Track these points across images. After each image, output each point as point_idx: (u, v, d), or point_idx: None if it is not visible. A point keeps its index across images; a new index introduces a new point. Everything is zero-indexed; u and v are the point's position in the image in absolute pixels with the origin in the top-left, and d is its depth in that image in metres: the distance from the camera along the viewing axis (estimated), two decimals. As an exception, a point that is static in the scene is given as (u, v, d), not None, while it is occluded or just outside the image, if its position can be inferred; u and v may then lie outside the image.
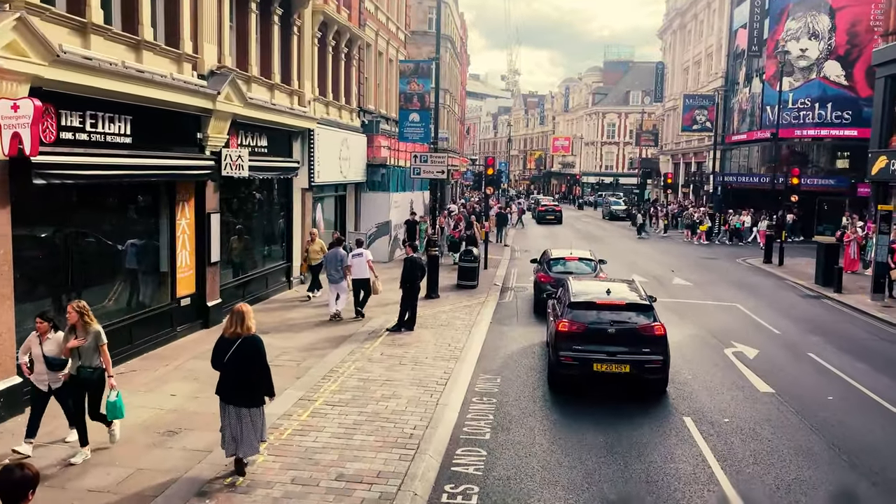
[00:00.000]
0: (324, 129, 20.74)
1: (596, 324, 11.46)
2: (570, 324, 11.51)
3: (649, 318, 11.60)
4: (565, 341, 11.43)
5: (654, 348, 11.30)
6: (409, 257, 15.19)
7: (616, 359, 11.20)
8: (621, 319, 11.52)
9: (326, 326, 15.43)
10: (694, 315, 18.12)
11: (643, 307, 11.77)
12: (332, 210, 23.54)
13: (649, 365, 11.22)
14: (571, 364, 11.31)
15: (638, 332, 11.39)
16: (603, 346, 11.27)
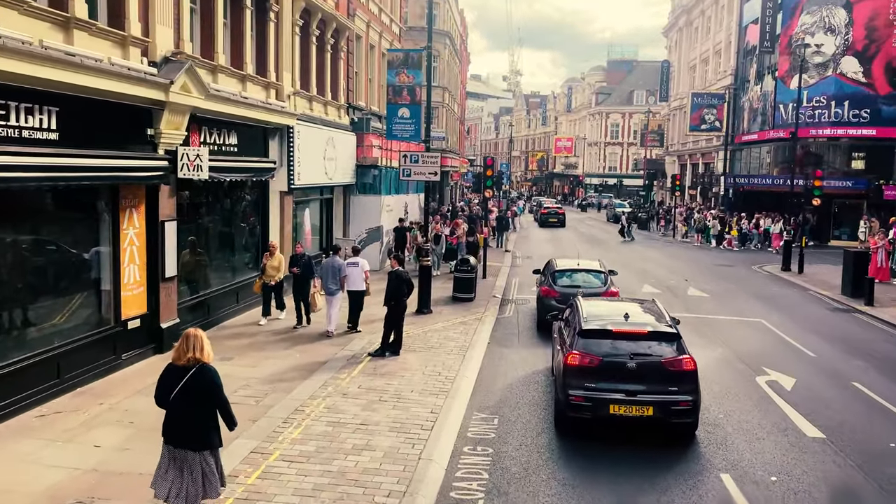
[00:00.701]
0: (306, 127, 18.87)
1: (612, 356, 9.55)
2: (582, 356, 9.60)
3: (676, 349, 9.69)
4: (575, 377, 9.53)
5: (682, 386, 9.39)
6: (393, 271, 13.29)
7: (637, 400, 9.30)
8: (643, 351, 9.61)
9: (301, 348, 13.54)
10: (716, 333, 16.22)
11: (669, 336, 9.84)
12: (317, 215, 21.64)
13: (677, 407, 9.31)
14: (583, 405, 9.41)
15: (663, 366, 9.48)
16: (621, 384, 9.38)
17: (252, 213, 16.97)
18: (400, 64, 18.74)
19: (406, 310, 13.49)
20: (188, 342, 6.37)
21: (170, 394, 6.29)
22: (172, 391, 6.29)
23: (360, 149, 23.68)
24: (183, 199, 13.70)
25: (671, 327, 9.99)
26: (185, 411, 6.30)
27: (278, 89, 17.55)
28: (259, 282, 15.37)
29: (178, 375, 6.31)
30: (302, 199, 20.05)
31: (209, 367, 6.40)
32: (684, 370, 9.39)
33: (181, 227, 13.51)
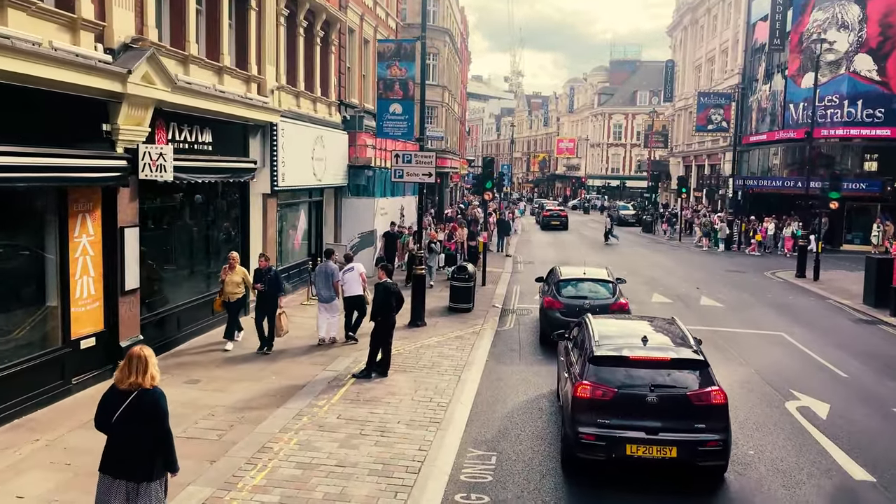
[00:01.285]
0: (292, 124, 17.55)
1: (629, 388, 8.21)
2: (594, 387, 8.25)
3: (704, 379, 8.32)
4: (586, 412, 8.20)
5: (711, 423, 8.04)
6: (381, 283, 11.94)
7: (658, 439, 7.96)
8: (665, 382, 8.25)
9: (278, 368, 12.21)
10: (735, 349, 14.87)
11: (695, 364, 8.47)
12: (305, 218, 20.30)
13: (705, 447, 7.97)
14: (595, 444, 8.07)
15: (688, 400, 8.13)
16: (639, 421, 8.04)
17: (230, 217, 15.63)
18: (392, 56, 17.37)
19: (395, 325, 12.14)
20: (131, 364, 5.70)
21: (110, 418, 5.69)
22: (114, 415, 5.68)
23: (352, 148, 22.36)
24: (148, 202, 12.39)
25: (697, 353, 8.61)
26: (128, 437, 5.67)
27: (260, 83, 16.24)
28: (219, 299, 13.40)
29: (120, 399, 5.69)
30: (288, 202, 18.73)
31: (153, 391, 5.73)
32: (713, 404, 8.06)
33: (146, 233, 12.21)
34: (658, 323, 10.29)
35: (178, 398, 10.01)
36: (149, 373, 5.68)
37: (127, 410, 5.62)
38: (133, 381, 5.64)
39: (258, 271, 13.42)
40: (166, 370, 11.41)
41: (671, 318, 10.49)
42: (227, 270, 13.28)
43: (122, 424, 5.63)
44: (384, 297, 11.71)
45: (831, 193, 24.34)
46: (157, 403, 5.71)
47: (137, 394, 5.64)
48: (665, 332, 9.54)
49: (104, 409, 5.73)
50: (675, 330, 9.64)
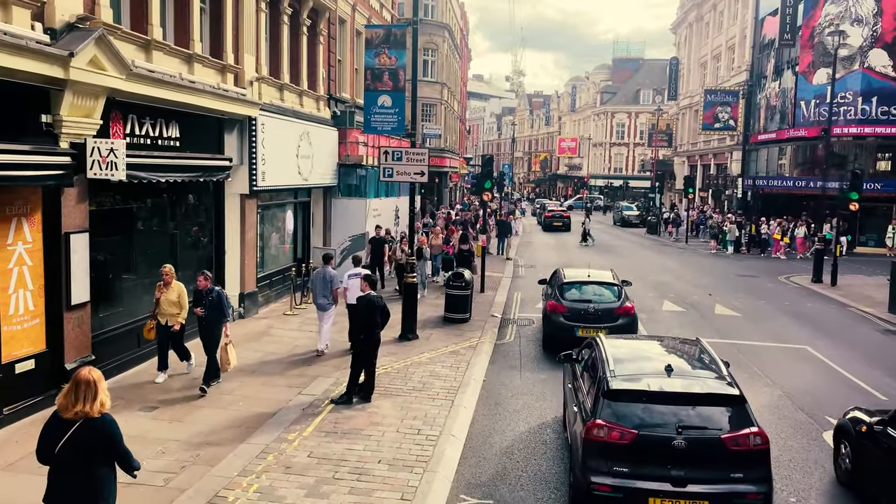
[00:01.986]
0: (274, 119, 16.20)
1: (652, 429, 6.87)
2: (609, 428, 6.92)
3: (741, 418, 6.98)
4: (600, 457, 6.89)
5: (749, 472, 6.72)
6: (364, 296, 10.55)
7: (687, 492, 6.64)
8: (694, 422, 6.90)
9: (248, 392, 10.85)
10: (758, 365, 13.50)
11: (730, 400, 7.11)
12: (290, 221, 18.92)
13: (743, 501, 6.65)
14: (611, 497, 6.74)
15: (723, 445, 6.78)
16: (665, 469, 6.72)
17: (202, 220, 14.25)
18: (380, 42, 15.92)
19: (380, 344, 10.76)
20: (78, 390, 5.10)
21: (53, 449, 5.10)
22: (57, 445, 5.09)
23: (342, 146, 21.00)
24: (103, 204, 11.03)
25: (732, 385, 7.29)
26: (72, 470, 5.12)
27: (238, 74, 14.88)
28: (151, 323, 11.00)
29: (63, 428, 5.11)
30: (270, 204, 17.36)
31: (101, 419, 5.16)
32: (752, 449, 6.77)
33: (101, 240, 10.86)
34: (681, 345, 9.00)
35: (127, 430, 8.48)
36: (98, 399, 5.12)
37: (71, 441, 5.05)
38: (79, 409, 5.07)
39: (198, 292, 11.09)
40: (119, 394, 10.10)
41: (695, 339, 9.13)
42: (161, 287, 10.97)
43: (65, 456, 5.07)
44: (368, 313, 10.33)
45: (851, 194, 22.93)
46: (107, 431, 5.18)
47: (83, 423, 5.08)
48: (691, 358, 8.20)
49: (46, 438, 5.16)
50: (703, 355, 8.26)
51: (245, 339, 13.88)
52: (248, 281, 15.66)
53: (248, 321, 15.39)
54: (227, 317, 11.08)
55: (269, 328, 14.91)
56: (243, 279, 15.51)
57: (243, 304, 15.52)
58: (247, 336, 14.15)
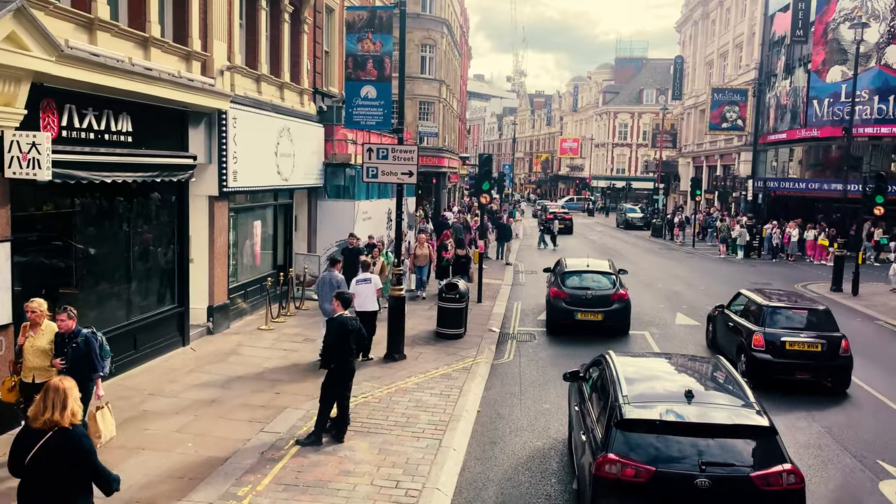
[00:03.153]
0: (249, 113, 14.65)
1: (672, 465, 5.83)
2: (623, 465, 5.99)
3: (772, 452, 6.12)
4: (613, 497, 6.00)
5: None
6: (336, 318, 8.96)
7: None
8: (720, 458, 5.85)
9: (201, 428, 9.29)
10: (790, 394, 11.92)
11: (760, 432, 6.22)
12: (269, 225, 17.34)
13: None
14: None
15: (753, 484, 5.79)
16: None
17: (162, 225, 12.66)
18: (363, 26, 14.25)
19: (354, 374, 9.18)
20: (47, 398, 4.96)
21: (23, 460, 4.90)
22: (27, 456, 4.89)
23: (329, 143, 19.44)
24: (35, 208, 9.48)
25: (761, 414, 6.44)
26: (42, 482, 4.90)
27: (205, 62, 13.32)
28: (12, 381, 7.96)
29: (34, 439, 4.91)
30: (244, 206, 15.79)
31: (72, 430, 4.96)
32: (786, 489, 5.94)
33: (32, 249, 9.30)
34: (700, 365, 8.18)
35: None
36: (68, 409, 4.94)
37: (42, 452, 4.87)
38: (48, 417, 4.92)
39: (59, 336, 7.88)
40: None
41: (716, 359, 8.22)
42: (26, 330, 7.96)
43: (35, 468, 4.89)
44: (339, 338, 8.75)
45: (877, 197, 21.37)
46: (78, 444, 4.94)
47: (54, 433, 4.91)
48: (713, 381, 7.38)
49: (18, 450, 5.00)
50: (725, 376, 7.40)
51: (209, 360, 12.32)
52: (217, 292, 14.11)
53: (216, 338, 13.83)
54: (99, 370, 8.00)
55: (238, 346, 13.34)
56: (212, 290, 13.96)
57: (212, 319, 13.96)
58: (212, 356, 12.59)
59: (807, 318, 12.64)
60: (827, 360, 12.00)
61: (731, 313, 13.84)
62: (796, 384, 12.22)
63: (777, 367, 12.04)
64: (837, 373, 12.09)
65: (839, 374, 12.10)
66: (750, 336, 12.36)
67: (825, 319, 12.61)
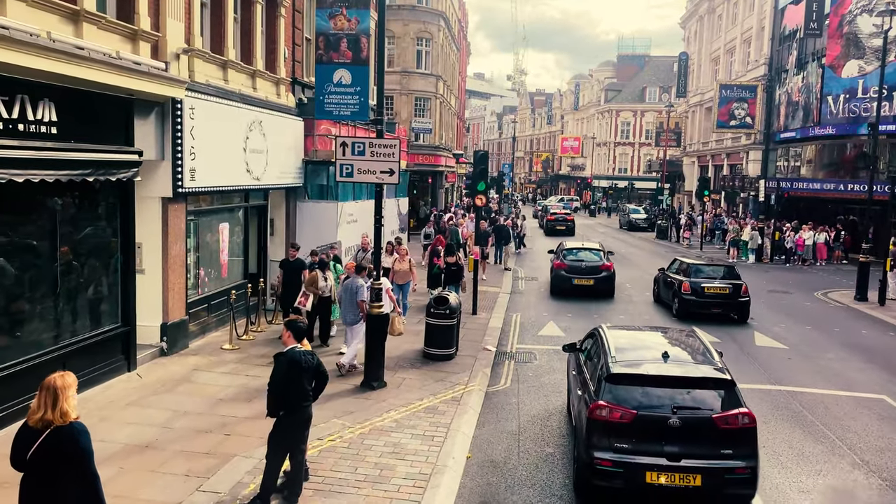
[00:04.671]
0: (211, 103, 12.90)
1: (650, 409, 7.41)
2: (611, 409, 7.35)
3: (731, 400, 7.50)
4: (602, 436, 7.40)
5: (738, 449, 7.24)
6: (286, 352, 7.14)
7: (681, 466, 6.90)
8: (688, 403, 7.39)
9: (127, 483, 7.52)
10: (829, 426, 10.22)
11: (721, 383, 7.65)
12: (239, 230, 15.56)
13: (732, 475, 7.13)
14: (612, 471, 7.11)
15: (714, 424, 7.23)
16: (661, 446, 7.20)
17: (102, 231, 10.87)
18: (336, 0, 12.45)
19: (310, 422, 7.38)
20: (40, 396, 4.81)
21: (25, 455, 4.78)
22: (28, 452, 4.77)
23: (309, 139, 17.69)
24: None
25: (723, 371, 7.96)
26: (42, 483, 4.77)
27: (156, 43, 11.56)
28: None
29: (33, 437, 4.78)
30: (207, 209, 14.02)
31: (70, 427, 4.78)
32: (741, 427, 7.34)
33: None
34: (676, 335, 9.75)
35: None
36: (58, 407, 4.75)
37: (40, 451, 4.75)
38: (40, 416, 4.76)
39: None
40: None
41: (690, 330, 10.27)
42: None
43: (35, 464, 4.78)
44: (291, 378, 6.95)
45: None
46: (75, 441, 4.78)
47: (52, 432, 4.76)
48: (686, 347, 8.99)
49: (18, 446, 4.84)
50: (696, 344, 9.06)
51: (155, 390, 10.55)
52: (173, 307, 12.34)
53: (170, 360, 12.06)
54: None
55: (193, 371, 11.57)
56: (167, 306, 12.19)
57: (166, 338, 12.19)
58: (159, 384, 10.82)
59: (718, 271, 18.44)
60: (732, 300, 17.50)
61: (670, 273, 19.26)
62: (713, 316, 17.46)
63: (698, 304, 17.49)
64: (740, 308, 17.52)
65: (741, 309, 17.52)
66: (680, 284, 17.82)
67: (731, 273, 18.42)
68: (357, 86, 10.80)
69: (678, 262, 19.39)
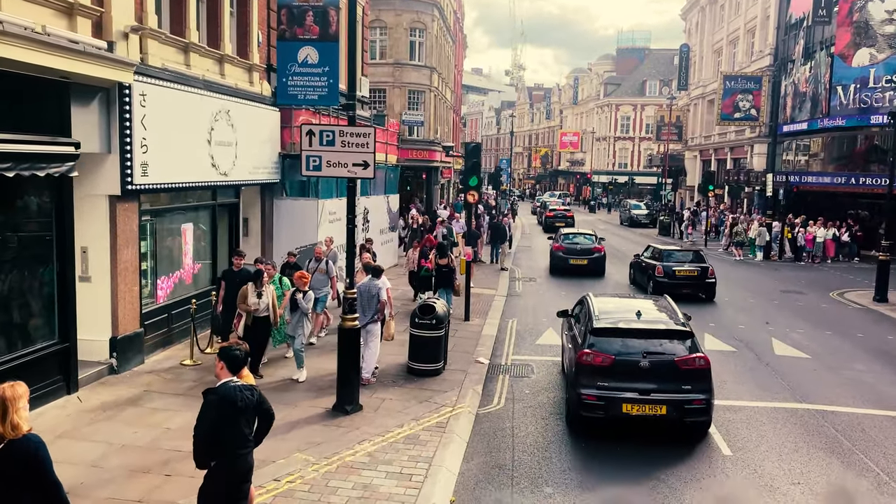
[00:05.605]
0: (168, 90, 11.50)
1: (625, 355, 9.32)
2: (594, 355, 9.20)
3: (689, 347, 9.39)
4: (588, 376, 9.26)
5: (695, 385, 9.03)
6: (217, 389, 5.70)
7: (650, 399, 8.71)
8: (655, 349, 9.45)
9: None
10: (868, 452, 8.86)
11: (681, 334, 9.64)
12: (205, 231, 14.15)
13: (690, 406, 8.90)
14: (595, 404, 8.94)
15: (676, 365, 9.11)
16: (634, 383, 9.12)
17: (31, 234, 9.46)
18: (299, -34, 10.93)
19: (251, 472, 5.96)
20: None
21: None
22: None
23: (286, 131, 16.27)
24: None
25: (684, 325, 9.81)
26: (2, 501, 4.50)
27: (99, 20, 10.17)
28: None
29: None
30: (166, 208, 12.62)
31: (24, 439, 4.49)
32: (698, 368, 9.13)
33: None
34: (650, 300, 11.79)
35: None
36: (9, 420, 4.45)
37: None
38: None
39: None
40: None
41: (662, 296, 11.99)
42: None
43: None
44: (223, 419, 5.55)
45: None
46: (31, 454, 4.48)
47: (5, 446, 4.45)
48: (657, 308, 10.76)
49: None
50: (665, 305, 10.95)
51: (94, 417, 9.17)
52: (124, 319, 10.96)
53: (120, 379, 10.68)
54: None
55: (144, 393, 10.18)
56: (116, 317, 10.81)
57: (115, 354, 10.81)
58: (101, 410, 9.43)
59: (688, 256, 20.62)
60: (700, 281, 19.52)
61: (644, 258, 21.48)
62: (683, 296, 18.07)
63: (671, 286, 18.65)
64: (707, 288, 19.57)
65: (709, 289, 19.58)
66: (654, 268, 19.86)
67: (699, 257, 20.49)
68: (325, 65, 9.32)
69: (652, 249, 21.69)
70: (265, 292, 10.99)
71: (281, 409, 9.40)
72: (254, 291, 10.88)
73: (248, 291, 10.89)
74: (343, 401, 9.62)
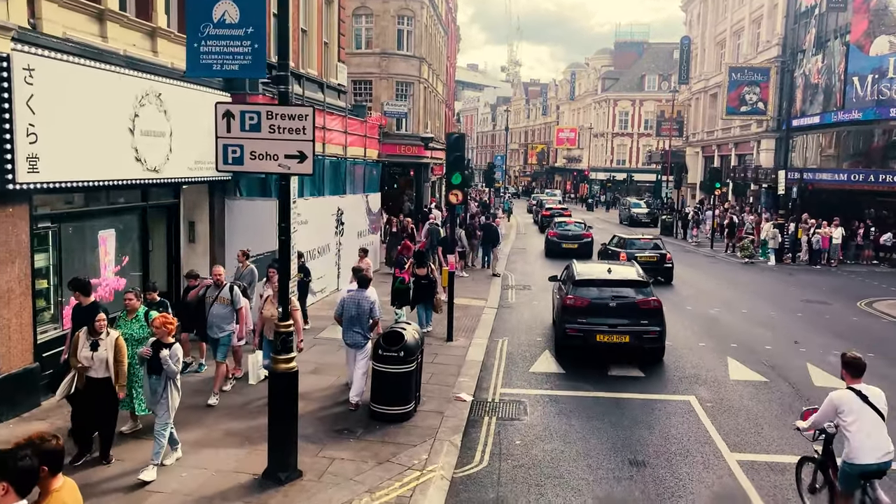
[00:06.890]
0: (69, 65, 9.20)
1: (598, 299, 12.71)
2: (575, 299, 12.62)
3: (646, 292, 12.80)
4: (571, 315, 12.60)
5: (651, 320, 12.35)
6: None
7: (617, 330, 11.83)
8: (622, 295, 12.98)
9: None
10: None
11: (641, 283, 13.00)
12: (132, 238, 11.82)
13: (647, 335, 12.04)
14: (576, 336, 12.13)
15: (637, 305, 12.45)
16: (605, 319, 12.32)
17: None
18: None
19: None
20: None
21: None
22: None
23: (240, 121, 13.96)
24: None
25: (643, 277, 13.13)
26: None
27: (-36, -30, 7.87)
28: None
29: None
30: (74, 211, 10.29)
31: None
32: (652, 308, 12.32)
33: None
34: (620, 264, 15.67)
35: None
36: None
37: None
38: None
39: None
40: None
41: (631, 262, 16.36)
42: None
43: None
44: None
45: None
46: None
47: None
48: (624, 267, 14.22)
49: None
50: (631, 266, 14.53)
51: None
52: (10, 353, 8.68)
53: (3, 428, 8.39)
54: None
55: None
56: None
57: None
58: None
59: (648, 244, 23.23)
60: (659, 265, 21.96)
61: (611, 246, 24.30)
62: None
63: None
64: (665, 272, 22.10)
65: (667, 273, 22.15)
66: (618, 255, 21.97)
67: (658, 245, 23.14)
68: (248, 26, 7.04)
69: (617, 238, 25.00)
70: (102, 342, 7.54)
71: (192, 472, 7.16)
72: (86, 339, 7.52)
73: (80, 339, 7.58)
74: (276, 465, 7.34)
